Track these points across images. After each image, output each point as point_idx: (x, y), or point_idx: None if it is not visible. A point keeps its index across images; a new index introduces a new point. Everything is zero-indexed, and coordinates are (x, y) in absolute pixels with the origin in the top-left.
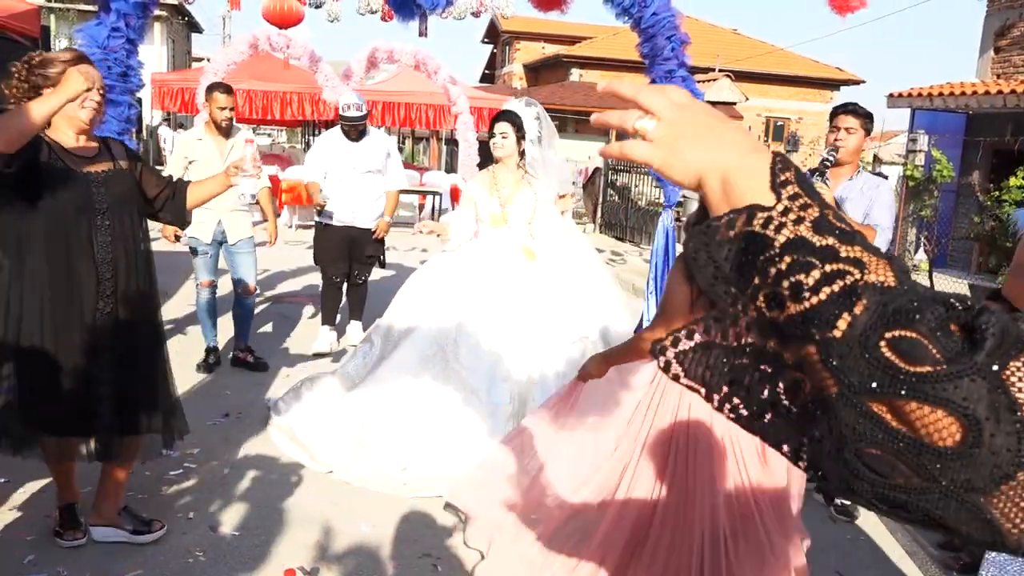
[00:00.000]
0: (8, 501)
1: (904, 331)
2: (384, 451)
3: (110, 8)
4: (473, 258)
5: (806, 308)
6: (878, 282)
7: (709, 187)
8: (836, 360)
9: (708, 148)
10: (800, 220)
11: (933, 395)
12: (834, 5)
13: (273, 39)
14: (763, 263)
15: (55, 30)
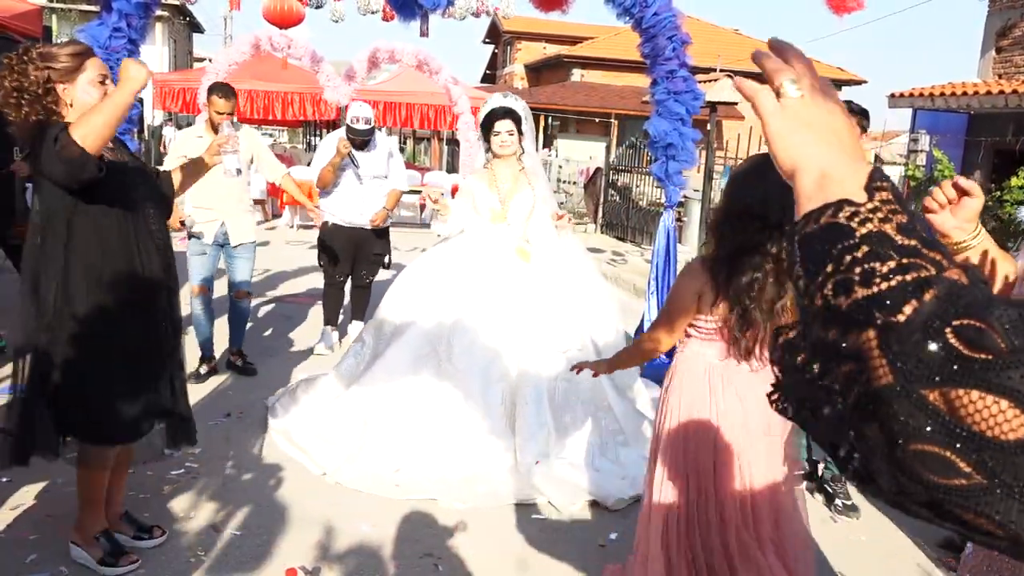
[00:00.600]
0: (10, 500)
1: (973, 320)
2: (378, 453)
3: (112, 8)
4: (467, 256)
5: (873, 292)
6: (952, 278)
7: (805, 179)
8: (896, 346)
9: (821, 143)
10: (887, 220)
11: (998, 383)
12: (831, 5)
13: (275, 39)
14: (839, 251)
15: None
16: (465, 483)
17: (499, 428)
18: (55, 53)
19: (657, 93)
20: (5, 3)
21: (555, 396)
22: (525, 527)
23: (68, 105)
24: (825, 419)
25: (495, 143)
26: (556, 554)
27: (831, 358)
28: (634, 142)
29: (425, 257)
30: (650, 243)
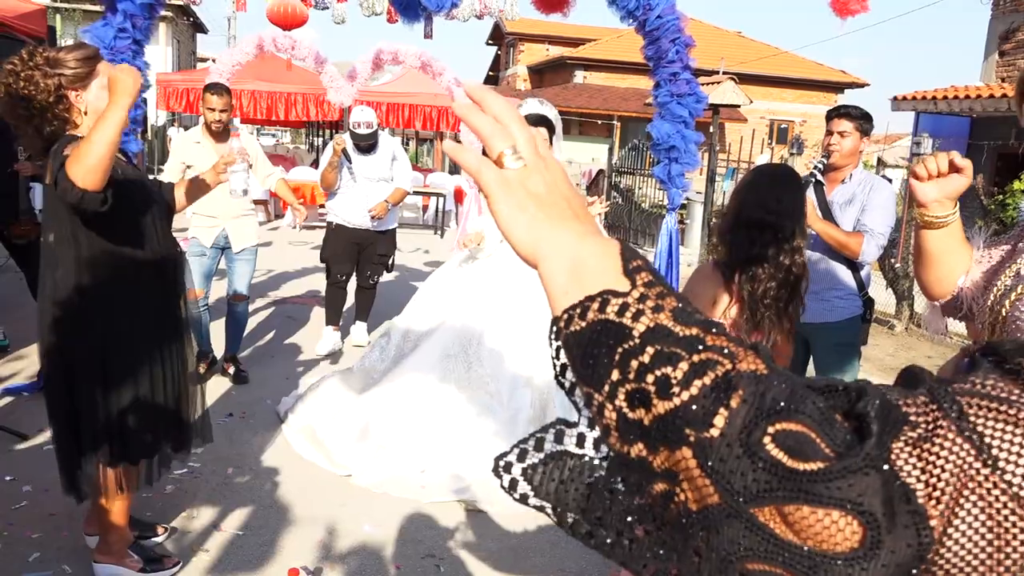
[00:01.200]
0: (12, 498)
1: (788, 424)
2: (403, 454)
3: (117, 9)
4: (497, 261)
5: (676, 405)
6: (751, 371)
7: (550, 264)
8: (717, 464)
9: (556, 223)
10: (659, 308)
11: (827, 496)
12: (835, 8)
13: (279, 40)
14: (622, 356)
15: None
16: (490, 486)
17: (526, 432)
18: (64, 59)
19: (660, 95)
20: (9, 3)
21: None
22: (527, 527)
23: (83, 112)
24: (635, 542)
25: None
26: (558, 555)
27: (639, 476)
28: (637, 144)
29: (454, 262)
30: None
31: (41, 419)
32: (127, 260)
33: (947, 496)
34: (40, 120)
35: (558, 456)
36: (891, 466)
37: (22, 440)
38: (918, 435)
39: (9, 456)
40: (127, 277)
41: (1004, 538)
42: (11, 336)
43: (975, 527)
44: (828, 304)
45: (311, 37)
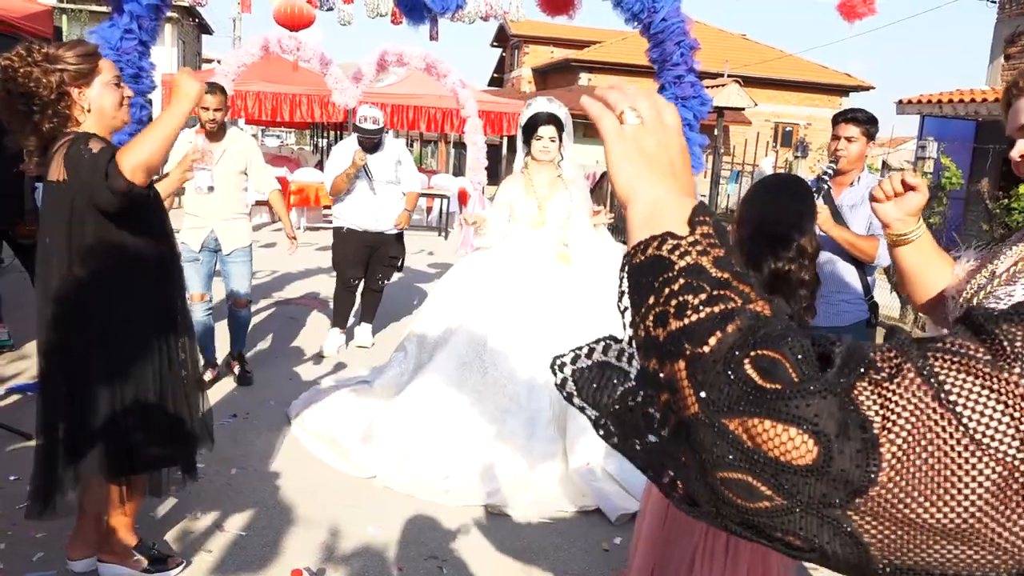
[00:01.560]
0: (16, 498)
1: (768, 351)
2: (426, 460)
3: (123, 10)
4: (508, 263)
5: (685, 324)
6: (756, 311)
7: (637, 208)
8: (701, 376)
9: (653, 173)
10: (705, 253)
11: (786, 412)
12: (842, 11)
13: (284, 42)
14: (660, 284)
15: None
16: (514, 489)
17: (548, 434)
18: (64, 55)
19: (664, 98)
20: (16, 4)
21: None
22: (530, 529)
23: (85, 110)
24: (647, 447)
25: (536, 147)
26: (560, 557)
27: (651, 388)
28: None
29: (465, 264)
30: None
31: None
32: (131, 258)
33: (902, 431)
34: (40, 117)
35: (603, 365)
36: (851, 396)
37: (26, 440)
38: (881, 377)
39: (13, 455)
40: (129, 275)
41: (958, 475)
42: (15, 335)
43: (929, 463)
44: (835, 308)
45: (316, 38)
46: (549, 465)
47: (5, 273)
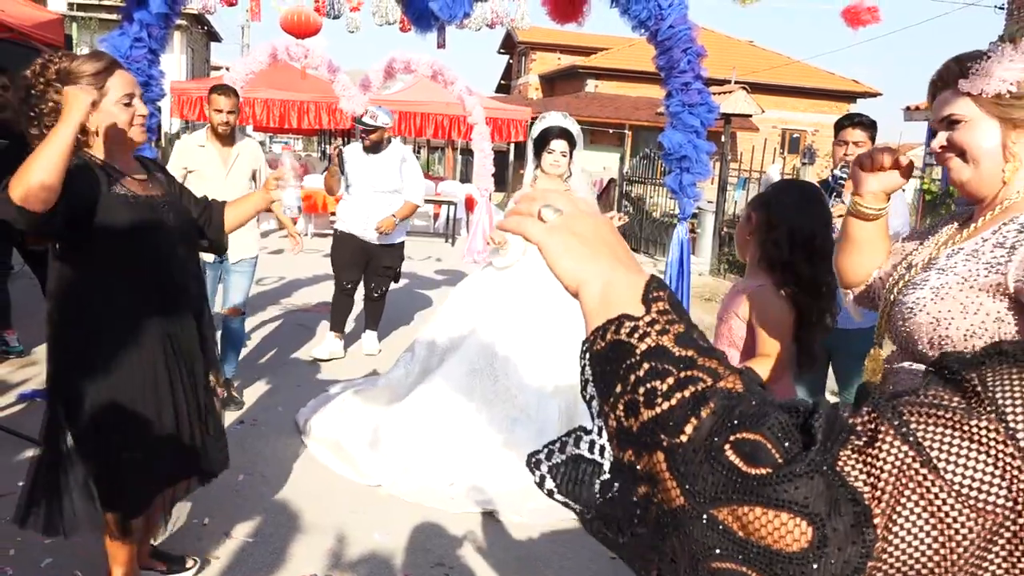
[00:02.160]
0: None
1: (748, 434)
2: (432, 465)
3: (133, 19)
4: (521, 273)
5: (657, 413)
6: (728, 389)
7: (588, 294)
8: (683, 467)
9: (595, 257)
10: (664, 332)
11: (775, 498)
12: (847, 18)
13: (292, 49)
14: (624, 371)
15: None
16: (521, 497)
17: None
18: (79, 71)
19: (672, 105)
20: (27, 12)
21: None
22: (536, 537)
23: (94, 134)
24: (631, 540)
25: (547, 161)
26: (567, 565)
27: (629, 480)
28: (648, 153)
29: (479, 275)
30: (663, 255)
31: None
32: (119, 285)
33: (890, 497)
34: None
35: (576, 459)
36: (837, 471)
37: (36, 446)
38: (863, 442)
39: (22, 462)
40: (119, 303)
41: (948, 534)
42: (25, 341)
43: (919, 524)
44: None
45: (324, 46)
46: None
47: (15, 280)
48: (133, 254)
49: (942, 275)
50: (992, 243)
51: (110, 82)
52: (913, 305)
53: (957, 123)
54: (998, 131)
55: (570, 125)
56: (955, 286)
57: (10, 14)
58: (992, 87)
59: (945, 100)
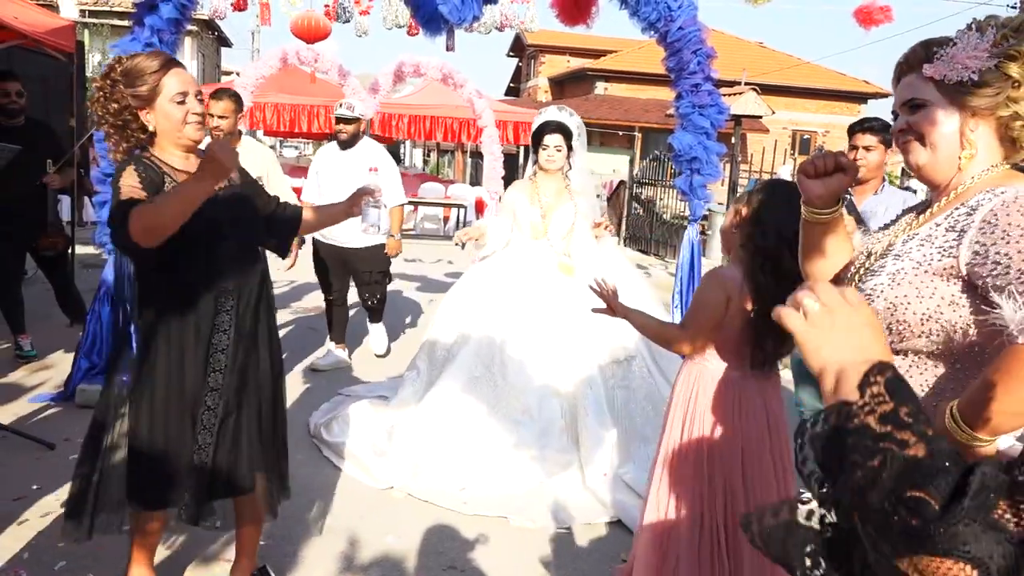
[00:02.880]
0: (39, 507)
1: (918, 491)
2: (442, 470)
3: (144, 24)
4: (510, 275)
5: (855, 480)
6: (911, 455)
7: (826, 380)
8: (870, 526)
9: (840, 346)
10: (871, 411)
11: (942, 547)
12: (859, 18)
13: (302, 53)
14: (838, 449)
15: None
16: (532, 501)
17: (562, 443)
18: (137, 70)
19: (682, 107)
20: (40, 19)
21: (615, 404)
22: (547, 539)
23: (150, 131)
24: None
25: (542, 157)
26: (578, 567)
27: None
28: (658, 155)
29: (468, 278)
30: (674, 256)
31: (67, 428)
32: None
33: None
34: (119, 137)
35: (789, 524)
36: (993, 518)
37: (48, 449)
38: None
39: (36, 465)
40: (167, 300)
41: None
42: (38, 346)
43: None
44: None
45: (333, 50)
46: (565, 475)
47: (28, 285)
48: (176, 252)
49: (898, 261)
50: (944, 228)
51: (165, 80)
52: (871, 292)
53: (919, 107)
54: (957, 118)
55: (566, 119)
56: (910, 271)
57: (23, 21)
58: (955, 74)
59: (909, 84)
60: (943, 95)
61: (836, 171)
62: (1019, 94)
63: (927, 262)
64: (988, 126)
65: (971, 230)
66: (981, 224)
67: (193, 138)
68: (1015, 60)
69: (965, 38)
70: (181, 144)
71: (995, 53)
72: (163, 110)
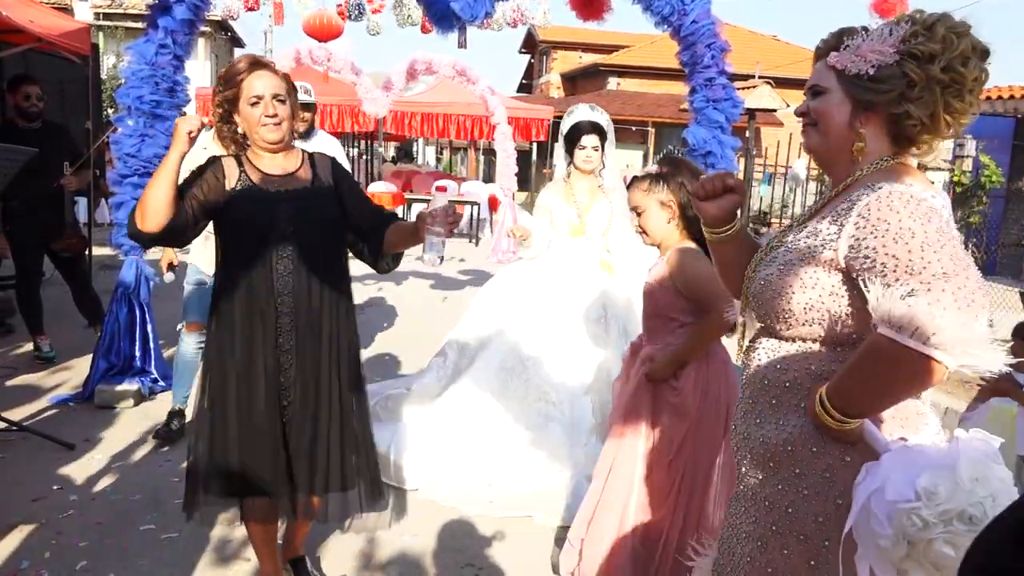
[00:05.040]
0: (59, 508)
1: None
2: (469, 468)
3: (158, 25)
4: (550, 271)
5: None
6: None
7: None
8: None
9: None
10: None
11: None
12: (877, 9)
13: (314, 52)
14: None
15: (103, 47)
16: (557, 498)
17: (591, 443)
18: (228, 75)
19: (696, 101)
20: (55, 23)
21: None
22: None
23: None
24: None
25: (579, 157)
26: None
27: None
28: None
29: (507, 273)
30: None
31: (87, 429)
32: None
33: None
34: (225, 137)
35: None
36: None
37: (68, 450)
38: None
39: (56, 465)
40: (230, 294)
41: None
42: (56, 347)
43: None
44: None
45: (346, 48)
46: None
47: (46, 286)
48: (239, 247)
49: (788, 253)
50: (828, 221)
51: (244, 83)
52: (763, 281)
53: (819, 94)
54: (850, 109)
55: (599, 117)
56: (797, 262)
57: (40, 25)
58: (853, 66)
59: (817, 69)
60: (841, 85)
61: (726, 192)
62: (913, 94)
63: (812, 254)
64: (880, 121)
65: (848, 224)
66: (856, 219)
67: (268, 139)
68: (916, 60)
69: (877, 31)
70: (261, 146)
71: (899, 50)
72: (243, 112)
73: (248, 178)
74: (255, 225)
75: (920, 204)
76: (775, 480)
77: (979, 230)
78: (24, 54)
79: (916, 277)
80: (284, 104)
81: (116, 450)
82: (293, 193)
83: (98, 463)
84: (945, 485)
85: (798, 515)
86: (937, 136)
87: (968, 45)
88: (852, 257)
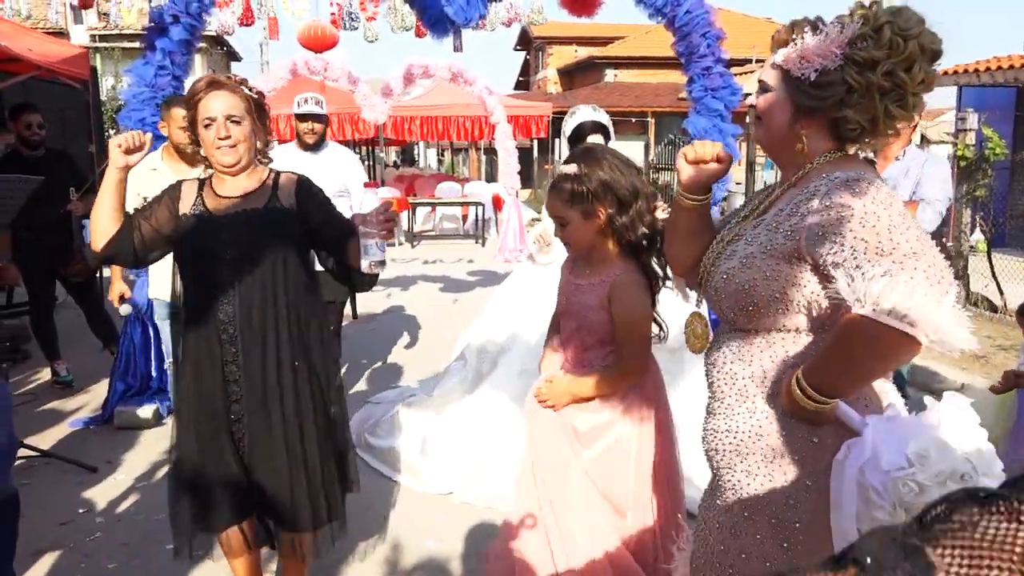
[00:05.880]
0: (86, 531)
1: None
2: (499, 470)
3: (156, 47)
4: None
5: None
6: None
7: None
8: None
9: None
10: None
11: None
12: None
13: (311, 63)
14: None
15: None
16: None
17: None
18: (187, 96)
19: (694, 90)
20: (53, 49)
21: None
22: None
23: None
24: None
25: None
26: None
27: None
28: (673, 139)
29: (520, 275)
30: None
31: (108, 451)
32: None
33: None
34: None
35: None
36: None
37: (91, 472)
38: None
39: (80, 489)
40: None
41: None
42: (73, 371)
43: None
44: None
45: (342, 58)
46: None
47: (59, 311)
48: (187, 273)
49: (748, 246)
50: (787, 212)
51: (200, 104)
52: (725, 275)
53: (766, 91)
54: (790, 111)
55: (601, 117)
56: (759, 255)
57: (38, 52)
58: (796, 70)
59: (767, 64)
60: (784, 86)
61: (711, 161)
62: (852, 100)
63: (772, 246)
64: (820, 124)
65: (810, 213)
66: (819, 208)
67: (222, 162)
68: (857, 66)
69: (831, 26)
70: (218, 169)
71: (844, 54)
72: (200, 135)
73: (202, 203)
74: (199, 252)
75: (880, 188)
76: (744, 467)
77: (986, 203)
78: (23, 82)
79: (888, 257)
80: (239, 125)
81: (139, 471)
82: (241, 217)
83: (121, 484)
84: (935, 447)
85: (769, 499)
86: (878, 138)
87: (915, 48)
88: (816, 244)
